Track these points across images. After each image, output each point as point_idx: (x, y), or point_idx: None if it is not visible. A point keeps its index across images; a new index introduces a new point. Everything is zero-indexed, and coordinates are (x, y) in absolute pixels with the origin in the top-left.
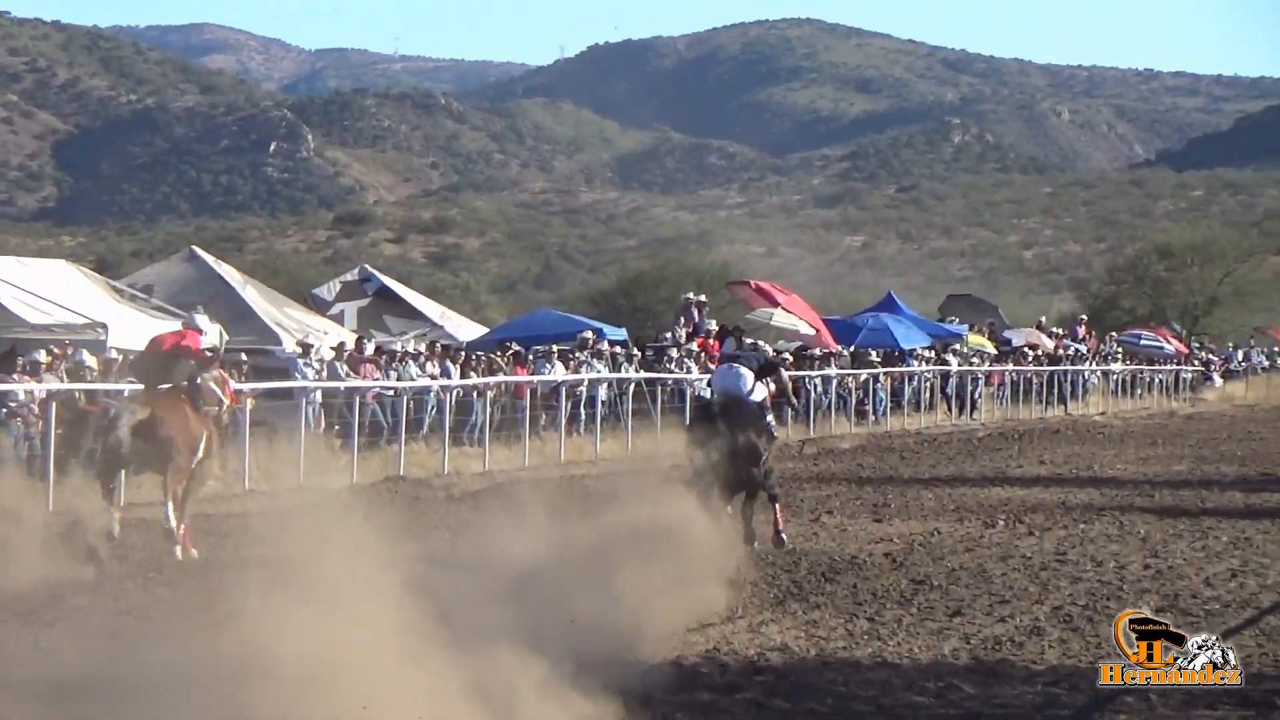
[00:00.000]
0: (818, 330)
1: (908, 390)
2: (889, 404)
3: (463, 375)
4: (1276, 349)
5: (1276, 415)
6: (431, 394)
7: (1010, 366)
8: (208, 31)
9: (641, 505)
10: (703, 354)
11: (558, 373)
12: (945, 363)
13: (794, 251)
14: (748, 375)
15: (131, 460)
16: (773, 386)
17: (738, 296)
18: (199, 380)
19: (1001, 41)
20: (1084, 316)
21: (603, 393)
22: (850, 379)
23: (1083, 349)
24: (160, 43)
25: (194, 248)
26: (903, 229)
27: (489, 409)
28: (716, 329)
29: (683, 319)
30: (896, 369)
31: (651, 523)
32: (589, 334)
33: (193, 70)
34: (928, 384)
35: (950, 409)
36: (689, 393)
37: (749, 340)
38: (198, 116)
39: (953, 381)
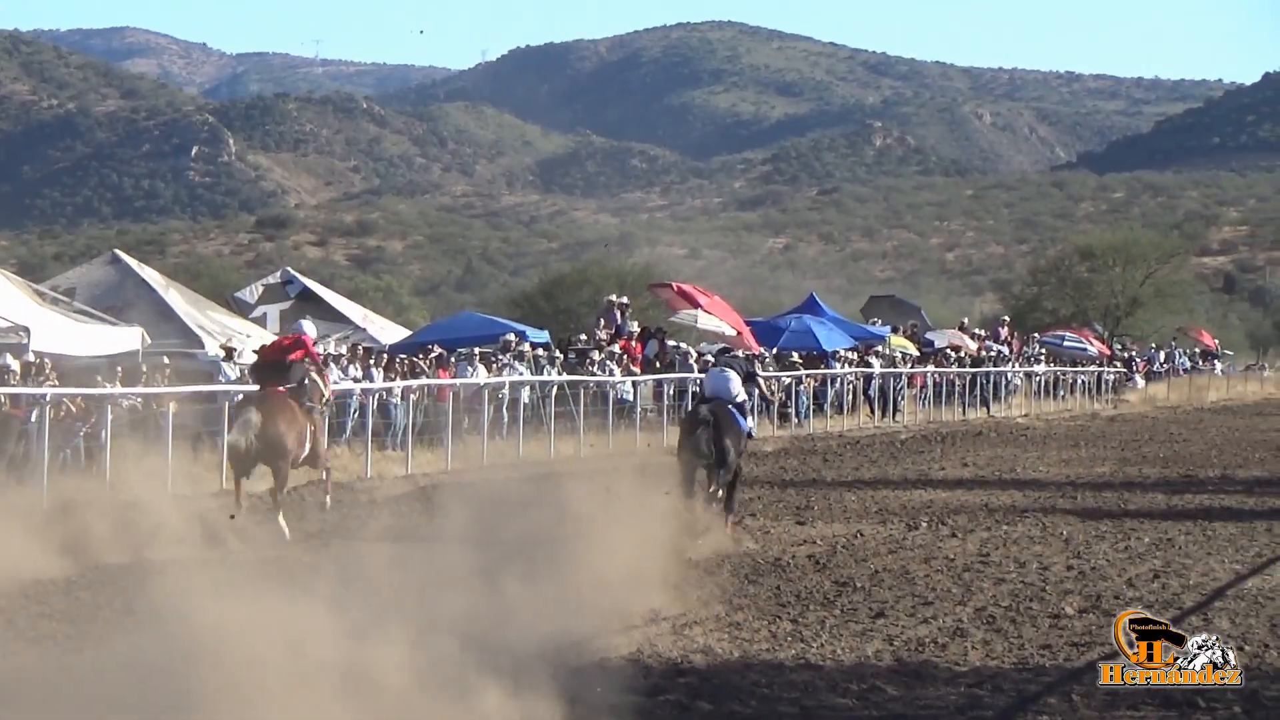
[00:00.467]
0: (740, 332)
1: (830, 392)
2: (811, 406)
3: (385, 378)
4: (1198, 350)
5: (1198, 417)
6: (353, 397)
7: (933, 368)
8: (129, 35)
9: (564, 508)
10: (625, 356)
11: (480, 375)
12: (868, 365)
13: (716, 253)
14: (735, 378)
15: (256, 456)
16: (755, 388)
17: (660, 298)
18: (308, 380)
19: (923, 44)
20: (1006, 318)
21: (525, 395)
22: (773, 381)
23: (1005, 350)
24: (82, 47)
25: (116, 251)
26: (824, 231)
27: (411, 412)
28: (639, 331)
29: (604, 321)
30: (819, 371)
31: (574, 525)
32: (511, 336)
33: (114, 74)
34: (850, 386)
35: (873, 411)
36: (611, 394)
37: (671, 343)
38: (119, 121)
39: (875, 383)
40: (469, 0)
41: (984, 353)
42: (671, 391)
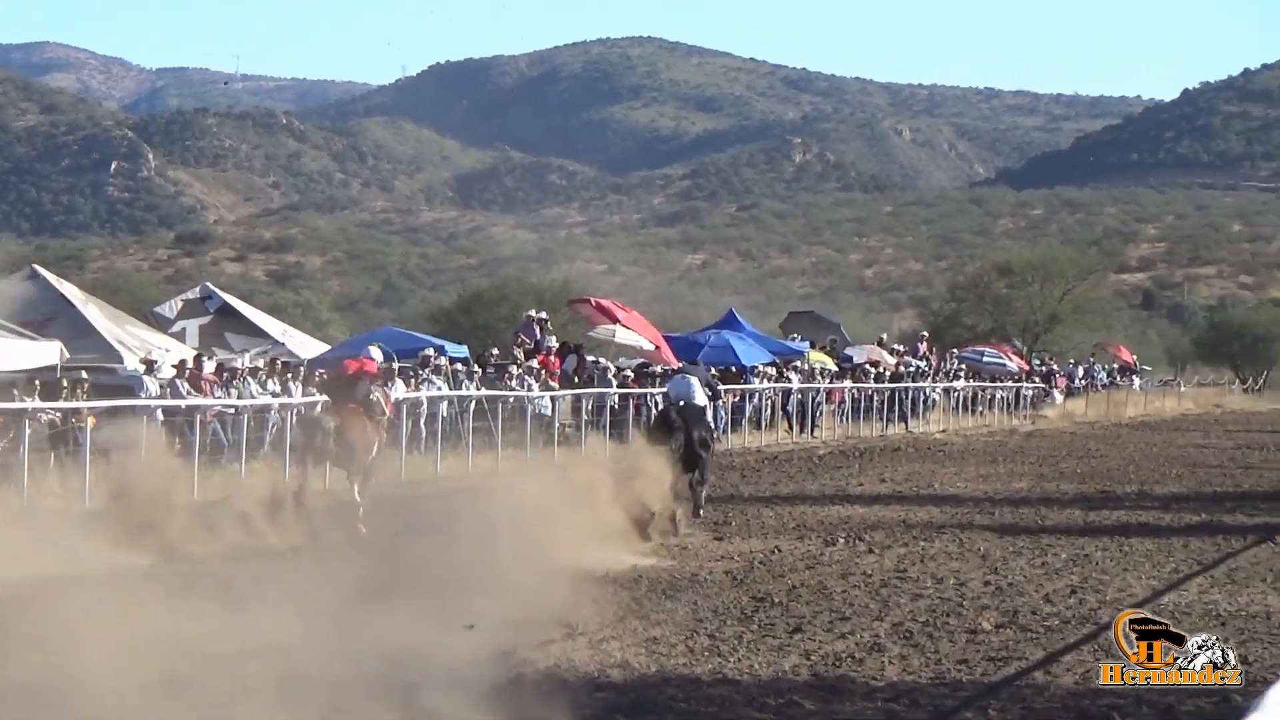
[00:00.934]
0: (658, 347)
1: (748, 408)
2: (729, 422)
3: (304, 393)
4: (1117, 366)
5: (1116, 433)
6: (273, 412)
7: (851, 384)
8: (49, 50)
9: (483, 523)
10: (543, 371)
11: (398, 390)
12: (786, 380)
13: (635, 269)
14: (697, 385)
15: (330, 456)
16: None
17: (579, 314)
18: (373, 397)
19: (842, 60)
20: (925, 333)
21: (443, 410)
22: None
23: (924, 366)
24: (0, 61)
25: (35, 266)
26: (743, 247)
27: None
28: (557, 346)
29: (523, 336)
30: (737, 386)
31: (490, 541)
32: (430, 351)
33: (33, 89)
34: (769, 401)
35: (791, 426)
36: (529, 410)
37: (590, 358)
38: (38, 135)
39: (794, 399)
40: (389, 16)
41: (902, 368)
42: (590, 406)
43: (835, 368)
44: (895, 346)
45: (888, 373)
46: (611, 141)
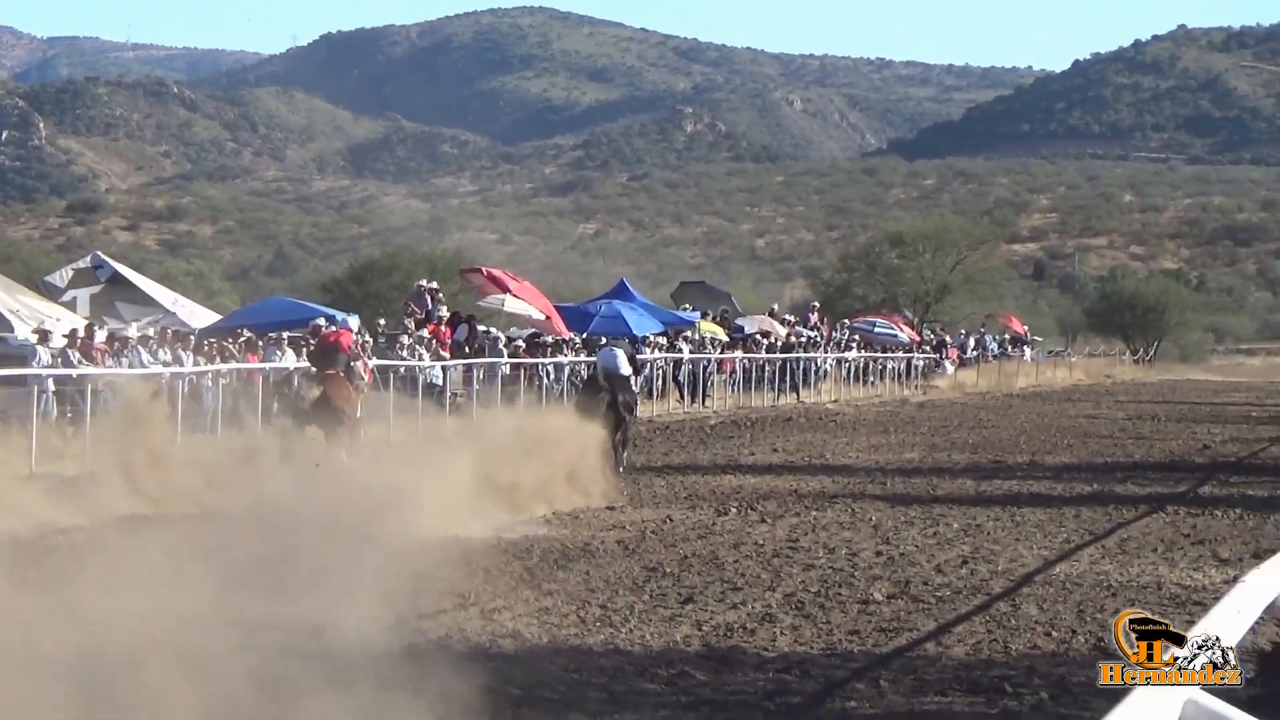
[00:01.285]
0: (549, 317)
1: (639, 378)
2: None
3: (194, 362)
4: (1008, 336)
5: (1007, 403)
6: (164, 381)
7: (742, 354)
8: None
9: (370, 492)
10: (434, 341)
11: (288, 359)
12: (677, 350)
13: (526, 239)
14: (622, 356)
15: (313, 419)
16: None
17: (471, 284)
18: (354, 365)
19: (734, 30)
20: (816, 304)
21: None
22: (583, 366)
23: (815, 336)
24: None
25: None
26: (635, 217)
27: (221, 396)
28: (448, 316)
29: (414, 306)
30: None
31: (381, 510)
32: (321, 320)
33: None
34: (660, 371)
35: (682, 396)
36: (421, 379)
37: (481, 328)
38: None
39: (685, 369)
40: None
41: (794, 339)
42: (481, 375)
43: (726, 338)
44: (786, 317)
45: (779, 343)
46: (503, 111)
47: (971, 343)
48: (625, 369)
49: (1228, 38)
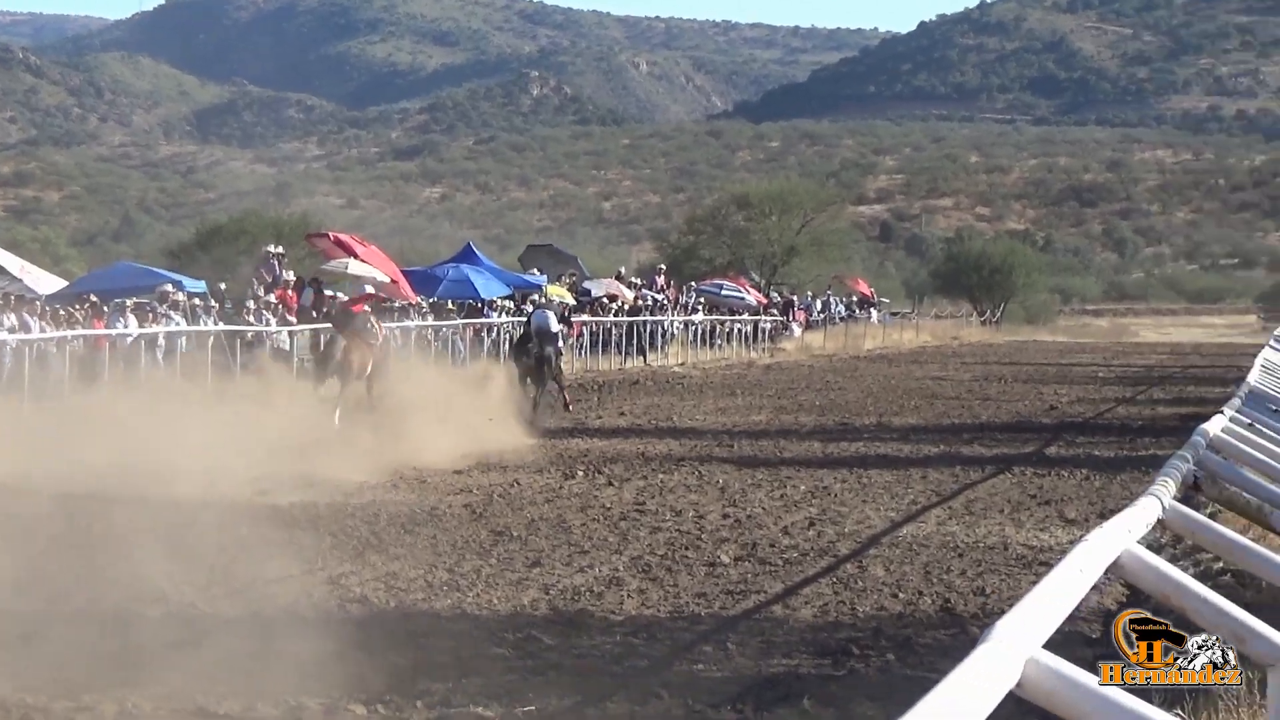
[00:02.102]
0: (396, 281)
1: (487, 341)
2: (469, 355)
3: (41, 328)
4: (855, 298)
5: (854, 365)
6: (8, 348)
7: (589, 317)
8: None
9: (215, 457)
10: (280, 306)
11: (132, 325)
12: (525, 314)
13: (373, 203)
14: (553, 316)
15: (334, 370)
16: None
17: (317, 248)
18: (368, 325)
19: None
20: (663, 267)
21: (182, 345)
22: (430, 330)
23: (662, 299)
24: None
25: None
26: (481, 181)
27: (68, 362)
28: (294, 280)
29: (263, 271)
30: (477, 320)
31: (226, 473)
32: (168, 286)
33: None
34: (507, 335)
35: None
36: (269, 344)
37: (329, 292)
38: None
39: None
40: None
41: (641, 302)
42: (329, 340)
43: (573, 301)
44: (633, 280)
45: (626, 306)
46: (349, 76)
47: (818, 305)
48: (555, 326)
49: None
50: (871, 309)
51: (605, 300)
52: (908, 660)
